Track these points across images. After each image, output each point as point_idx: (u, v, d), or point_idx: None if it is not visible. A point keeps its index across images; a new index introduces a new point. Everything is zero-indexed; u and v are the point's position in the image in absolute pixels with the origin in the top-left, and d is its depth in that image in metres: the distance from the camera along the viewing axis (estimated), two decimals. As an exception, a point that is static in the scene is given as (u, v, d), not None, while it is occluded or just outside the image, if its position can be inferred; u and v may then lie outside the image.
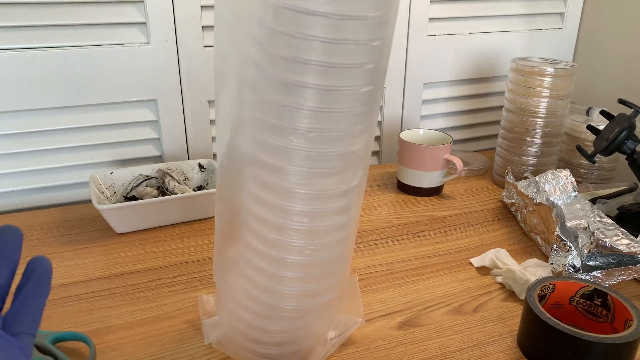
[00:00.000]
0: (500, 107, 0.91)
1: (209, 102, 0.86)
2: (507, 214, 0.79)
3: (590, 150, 0.74)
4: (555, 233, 0.60)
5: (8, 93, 0.74)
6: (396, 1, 0.37)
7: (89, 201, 0.81)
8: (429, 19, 0.95)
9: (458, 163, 0.80)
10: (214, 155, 0.89)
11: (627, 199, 0.76)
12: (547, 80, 0.80)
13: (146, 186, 0.75)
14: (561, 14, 1.06)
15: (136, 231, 0.71)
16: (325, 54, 0.36)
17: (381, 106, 0.98)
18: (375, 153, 1.02)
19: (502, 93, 1.05)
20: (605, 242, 0.56)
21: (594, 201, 0.76)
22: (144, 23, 0.78)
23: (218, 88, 0.42)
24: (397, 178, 0.86)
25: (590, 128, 0.77)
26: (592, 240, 0.57)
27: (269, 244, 0.42)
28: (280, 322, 0.45)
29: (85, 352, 0.49)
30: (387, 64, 0.40)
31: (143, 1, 0.77)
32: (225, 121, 0.42)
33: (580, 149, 0.75)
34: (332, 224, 0.42)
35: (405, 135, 0.84)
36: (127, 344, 0.51)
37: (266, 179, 0.40)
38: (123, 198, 0.75)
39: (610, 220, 0.66)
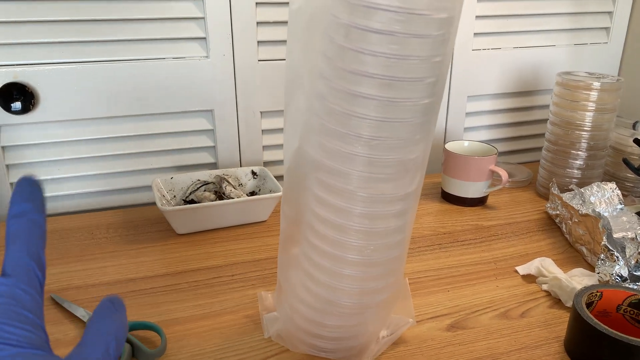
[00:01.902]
0: (544, 120, 0.92)
1: (261, 112, 0.90)
2: (551, 225, 0.80)
3: (636, 163, 0.75)
4: (602, 243, 0.61)
5: (79, 102, 0.80)
6: (457, 20, 0.40)
7: (150, 204, 0.86)
8: (474, 33, 0.98)
9: (503, 174, 0.81)
10: (265, 163, 0.93)
11: (674, 213, 0.76)
12: (593, 94, 0.81)
13: (204, 190, 0.79)
14: (606, 28, 1.06)
15: (195, 232, 0.75)
16: (390, 69, 0.39)
17: (425, 118, 1.01)
18: (419, 164, 1.05)
19: (546, 106, 1.06)
20: (653, 252, 0.57)
21: (640, 214, 0.77)
22: (204, 38, 0.84)
23: (288, 98, 0.46)
24: (441, 188, 0.89)
25: (637, 141, 0.78)
26: (639, 250, 0.58)
27: (330, 243, 0.45)
28: (338, 317, 0.48)
29: (156, 341, 0.54)
30: (446, 78, 0.43)
31: (204, 18, 0.82)
32: (294, 129, 0.46)
33: (626, 162, 0.76)
34: (390, 226, 0.45)
35: (450, 146, 0.87)
36: (192, 335, 0.55)
37: (330, 182, 0.44)
38: (182, 201, 0.80)
39: (657, 233, 0.67)
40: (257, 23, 0.85)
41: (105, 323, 0.28)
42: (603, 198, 0.77)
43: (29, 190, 0.28)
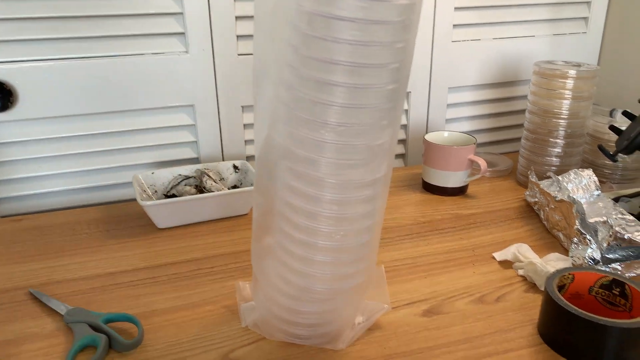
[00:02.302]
0: (524, 111, 0.93)
1: (242, 107, 0.91)
2: (530, 212, 0.81)
3: (612, 150, 0.76)
4: (575, 227, 0.62)
5: (59, 99, 0.80)
6: (418, 7, 0.41)
7: (133, 200, 0.87)
8: (454, 25, 0.98)
9: (482, 163, 0.82)
10: (247, 157, 0.94)
11: (650, 198, 0.77)
12: (569, 83, 0.82)
13: (185, 185, 0.80)
14: (585, 18, 1.07)
15: (176, 227, 0.76)
16: (354, 55, 0.40)
17: (407, 110, 1.02)
18: (401, 155, 1.06)
19: (525, 97, 1.07)
20: (624, 234, 0.58)
21: (617, 200, 0.78)
22: (183, 33, 0.84)
23: (256, 88, 0.46)
24: (422, 178, 0.89)
25: (613, 128, 0.79)
26: (610, 233, 0.59)
27: (301, 230, 0.46)
28: (312, 304, 0.49)
29: (134, 332, 0.54)
30: (411, 64, 0.44)
31: (182, 13, 0.82)
32: (263, 118, 0.46)
33: (602, 149, 0.77)
34: (359, 211, 0.46)
35: (430, 136, 0.87)
36: (171, 325, 0.55)
37: (299, 170, 0.44)
38: (164, 196, 0.80)
39: (631, 217, 0.68)
40: (236, 17, 0.85)
41: None
42: (580, 185, 0.78)
43: None
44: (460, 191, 0.87)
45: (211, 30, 0.84)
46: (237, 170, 0.85)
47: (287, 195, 0.46)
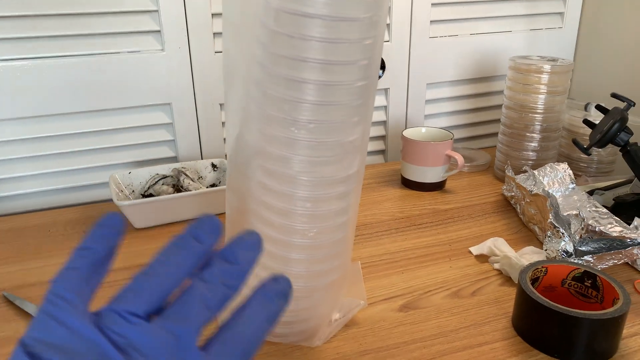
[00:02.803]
0: (501, 106, 0.94)
1: (220, 105, 0.90)
2: (507, 206, 0.82)
3: (587, 144, 0.77)
4: (549, 220, 0.63)
5: (33, 99, 0.79)
6: (386, 3, 0.41)
7: (110, 200, 0.86)
8: (431, 21, 0.99)
9: (459, 158, 0.83)
10: (226, 156, 0.93)
11: (624, 191, 0.78)
12: (544, 77, 0.83)
13: (162, 184, 0.79)
14: (561, 13, 1.09)
15: (153, 226, 0.75)
16: (322, 52, 0.40)
17: (386, 106, 1.02)
18: (381, 152, 1.06)
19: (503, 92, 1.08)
20: (595, 227, 0.59)
21: (591, 193, 0.79)
22: (159, 31, 0.83)
23: (227, 86, 0.46)
24: (401, 174, 0.90)
25: (587, 122, 0.80)
26: (582, 226, 0.60)
27: (275, 228, 0.46)
28: (287, 301, 0.49)
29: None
30: (379, 61, 0.44)
31: (157, 10, 0.82)
32: (234, 117, 0.46)
33: (576, 142, 0.78)
34: (333, 208, 0.46)
35: (408, 132, 0.88)
36: (147, 326, 0.55)
37: (272, 168, 0.44)
38: (141, 196, 0.79)
39: (605, 210, 0.69)
40: (212, 14, 0.85)
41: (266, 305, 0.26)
42: (556, 178, 0.79)
43: (104, 232, 0.27)
44: (438, 186, 0.87)
45: (187, 27, 0.84)
46: (215, 169, 0.85)
47: (260, 193, 0.46)
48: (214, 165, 0.85)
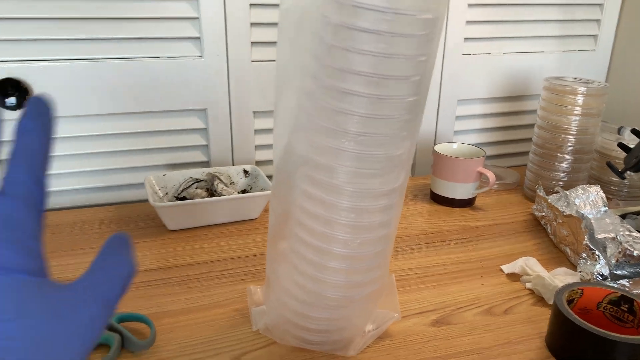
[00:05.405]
0: (532, 125, 0.94)
1: (254, 112, 0.91)
2: (537, 226, 0.82)
3: (620, 167, 0.77)
4: (584, 242, 0.63)
5: (74, 99, 0.81)
6: (441, 21, 0.42)
7: (142, 201, 0.87)
8: (465, 38, 0.99)
9: (490, 176, 0.83)
10: (257, 162, 0.95)
11: (657, 216, 0.78)
12: (579, 99, 0.83)
13: (196, 188, 0.80)
14: (594, 36, 1.09)
15: (186, 229, 0.76)
16: (377, 67, 0.41)
17: (416, 121, 1.02)
18: (409, 166, 1.06)
19: (534, 111, 1.08)
20: (633, 251, 0.59)
21: (623, 216, 0.78)
22: (198, 38, 0.85)
23: (278, 97, 0.47)
24: (430, 189, 0.90)
25: (621, 146, 0.80)
26: (620, 250, 0.60)
27: (317, 236, 0.46)
28: (324, 310, 0.49)
29: (146, 332, 0.55)
30: (431, 77, 0.45)
31: (198, 18, 0.83)
32: (283, 126, 0.47)
33: (610, 165, 0.77)
34: (375, 220, 0.47)
35: (439, 148, 0.88)
36: (182, 327, 0.56)
37: (318, 177, 0.45)
38: (174, 198, 0.80)
39: (639, 235, 0.69)
40: (251, 24, 0.86)
41: (116, 255, 0.27)
42: (587, 200, 0.79)
43: (38, 109, 0.26)
44: (467, 203, 0.88)
45: (226, 36, 0.85)
46: (247, 175, 0.86)
47: (304, 201, 0.47)
48: (245, 172, 0.86)
